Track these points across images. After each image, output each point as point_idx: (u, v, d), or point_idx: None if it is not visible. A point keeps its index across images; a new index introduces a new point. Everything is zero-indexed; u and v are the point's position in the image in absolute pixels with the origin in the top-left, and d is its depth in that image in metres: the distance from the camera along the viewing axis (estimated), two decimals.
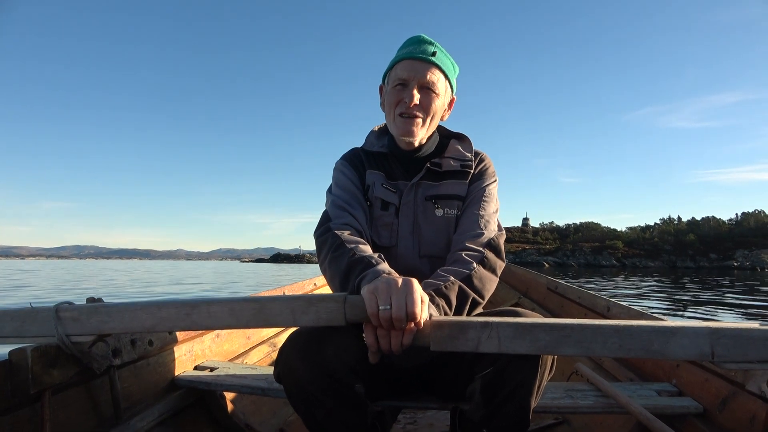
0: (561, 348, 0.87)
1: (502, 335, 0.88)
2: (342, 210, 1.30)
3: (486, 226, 1.30)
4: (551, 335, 0.87)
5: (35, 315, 1.05)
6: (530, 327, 0.88)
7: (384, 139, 1.45)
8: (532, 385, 1.01)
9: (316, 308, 0.95)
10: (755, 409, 1.22)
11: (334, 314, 0.95)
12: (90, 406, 1.25)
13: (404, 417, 2.02)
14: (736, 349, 0.81)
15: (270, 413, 1.88)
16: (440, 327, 0.92)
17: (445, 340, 0.91)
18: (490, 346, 0.89)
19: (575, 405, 1.38)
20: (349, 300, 0.96)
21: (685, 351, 0.83)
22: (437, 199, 1.35)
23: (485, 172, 1.41)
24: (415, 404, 1.32)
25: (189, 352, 1.66)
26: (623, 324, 0.85)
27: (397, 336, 0.95)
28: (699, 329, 0.83)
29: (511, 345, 0.88)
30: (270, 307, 0.97)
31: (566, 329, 0.87)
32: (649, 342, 0.84)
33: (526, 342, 0.88)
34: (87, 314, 1.03)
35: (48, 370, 1.08)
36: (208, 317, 0.98)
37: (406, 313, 0.91)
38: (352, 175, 1.40)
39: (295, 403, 1.06)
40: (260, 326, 0.99)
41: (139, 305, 1.01)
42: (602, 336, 0.85)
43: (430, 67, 1.29)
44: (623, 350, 0.85)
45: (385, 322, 0.92)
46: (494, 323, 0.89)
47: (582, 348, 0.86)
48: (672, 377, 1.57)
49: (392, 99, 1.32)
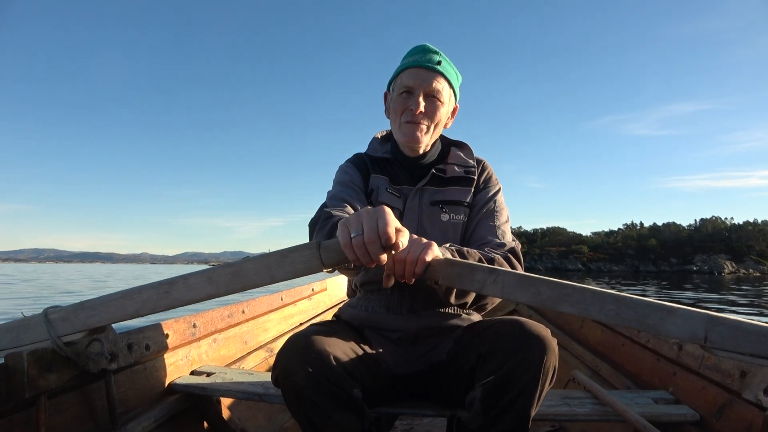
0: (560, 304, 0.90)
1: (506, 282, 0.94)
2: (341, 201, 1.30)
3: (503, 236, 1.33)
4: (553, 291, 0.90)
5: (28, 323, 1.05)
6: (534, 280, 0.92)
7: (387, 145, 1.47)
8: (534, 392, 1.01)
9: (291, 259, 0.95)
10: (752, 417, 1.22)
11: (310, 262, 0.94)
12: (86, 411, 1.23)
13: (401, 424, 2.02)
14: (729, 339, 0.82)
15: (266, 419, 1.87)
16: (452, 264, 0.99)
17: (453, 276, 0.98)
18: (494, 290, 0.94)
19: (572, 412, 1.37)
20: (324, 245, 0.95)
21: (678, 330, 0.85)
22: (443, 204, 1.37)
23: (490, 180, 1.43)
24: (412, 411, 1.31)
25: (185, 357, 1.65)
26: (624, 295, 0.88)
27: (411, 264, 0.99)
28: (697, 313, 0.84)
29: (512, 293, 0.93)
30: (246, 269, 0.97)
31: (567, 288, 0.90)
32: (645, 315, 0.86)
33: (529, 293, 0.92)
34: (74, 312, 1.04)
35: (43, 374, 1.06)
36: (187, 291, 0.99)
37: (378, 234, 0.88)
38: (356, 177, 1.41)
39: (293, 406, 1.06)
40: (239, 289, 0.98)
41: (119, 294, 1.02)
42: (601, 301, 0.88)
43: (435, 75, 1.31)
44: (618, 318, 0.88)
45: (360, 250, 0.89)
46: (501, 271, 0.95)
47: (580, 308, 0.89)
48: (669, 385, 1.57)
49: (398, 106, 1.34)
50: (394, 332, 1.32)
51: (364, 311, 1.36)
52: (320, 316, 2.96)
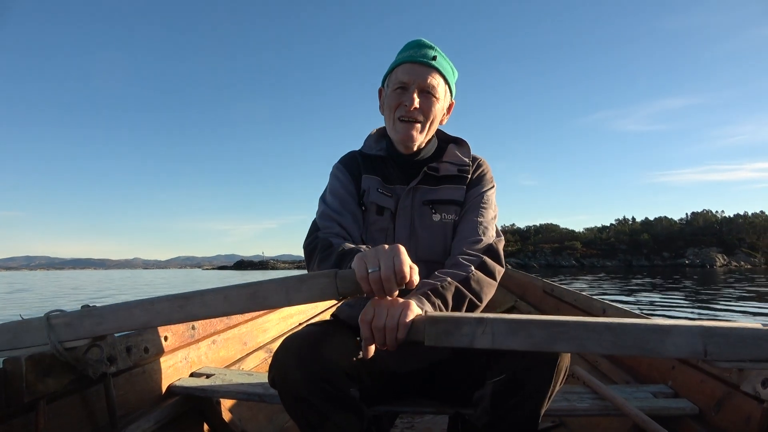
0: (555, 344, 0.87)
1: (496, 331, 0.88)
2: (331, 221, 1.30)
3: (485, 233, 1.29)
4: (545, 331, 0.87)
5: (27, 325, 1.04)
6: (524, 323, 0.88)
7: (383, 142, 1.45)
8: (546, 392, 1.01)
9: (308, 285, 0.96)
10: (750, 410, 1.23)
11: (326, 289, 0.95)
12: (85, 415, 1.23)
13: (402, 422, 2.02)
14: (727, 348, 0.82)
15: (267, 420, 1.87)
16: (435, 322, 0.92)
17: (440, 335, 0.91)
18: (484, 341, 0.89)
19: (572, 408, 1.38)
20: (340, 274, 0.96)
21: (678, 349, 0.84)
22: (434, 204, 1.34)
23: (483, 178, 1.40)
24: (413, 409, 1.31)
25: (185, 358, 1.64)
26: (617, 321, 0.85)
27: (392, 330, 0.94)
28: (692, 328, 0.83)
29: (504, 341, 0.88)
30: (264, 290, 0.97)
31: (560, 326, 0.86)
32: (643, 340, 0.84)
33: (520, 338, 0.87)
34: (79, 318, 1.02)
35: (42, 379, 1.06)
36: (202, 306, 0.98)
37: (395, 271, 0.91)
38: (347, 180, 1.39)
39: (290, 408, 1.06)
40: (256, 309, 0.99)
41: (132, 304, 1.01)
42: (596, 333, 0.85)
43: (430, 71, 1.29)
44: (617, 348, 0.85)
45: (375, 285, 0.92)
46: (489, 319, 0.89)
47: (576, 345, 0.86)
48: (668, 379, 1.58)
49: (392, 102, 1.32)
50: None
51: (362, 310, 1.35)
52: (319, 316, 2.95)
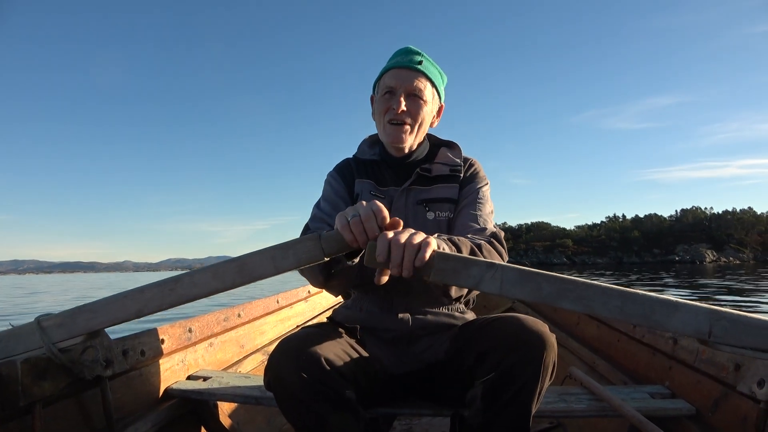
0: (562, 300, 0.87)
1: (505, 278, 0.88)
2: (321, 222, 1.35)
3: (485, 224, 1.33)
4: (554, 287, 0.87)
5: (18, 332, 1.03)
6: (534, 275, 0.88)
7: (376, 147, 1.49)
8: (535, 388, 1.02)
9: (294, 251, 0.97)
10: (747, 410, 1.22)
11: (312, 252, 0.97)
12: (81, 418, 1.22)
13: (399, 424, 2.02)
14: (732, 333, 0.83)
15: (264, 422, 1.86)
16: (445, 259, 0.91)
17: (447, 272, 0.91)
18: (491, 286, 0.88)
19: (569, 409, 1.38)
20: (324, 235, 0.97)
21: (684, 326, 0.84)
22: (428, 202, 1.37)
23: (476, 176, 1.43)
24: (410, 411, 1.31)
25: (182, 361, 1.64)
26: (629, 290, 0.86)
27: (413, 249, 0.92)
28: (700, 308, 0.84)
29: (511, 289, 0.88)
30: (251, 262, 0.97)
31: (570, 283, 0.87)
32: (651, 311, 0.84)
33: (528, 289, 0.87)
34: (71, 316, 1.01)
35: (38, 382, 1.05)
36: (192, 287, 0.98)
37: (373, 211, 0.95)
38: (340, 187, 1.44)
39: (286, 410, 1.06)
40: (245, 282, 0.99)
41: (121, 294, 1.00)
42: (605, 296, 0.85)
43: (416, 75, 1.33)
44: (623, 314, 0.85)
45: (357, 228, 0.95)
46: (500, 265, 0.89)
47: (582, 304, 0.86)
48: (665, 379, 1.58)
49: (381, 107, 1.35)
50: (389, 332, 1.31)
51: (359, 311, 1.36)
52: (316, 318, 2.95)
